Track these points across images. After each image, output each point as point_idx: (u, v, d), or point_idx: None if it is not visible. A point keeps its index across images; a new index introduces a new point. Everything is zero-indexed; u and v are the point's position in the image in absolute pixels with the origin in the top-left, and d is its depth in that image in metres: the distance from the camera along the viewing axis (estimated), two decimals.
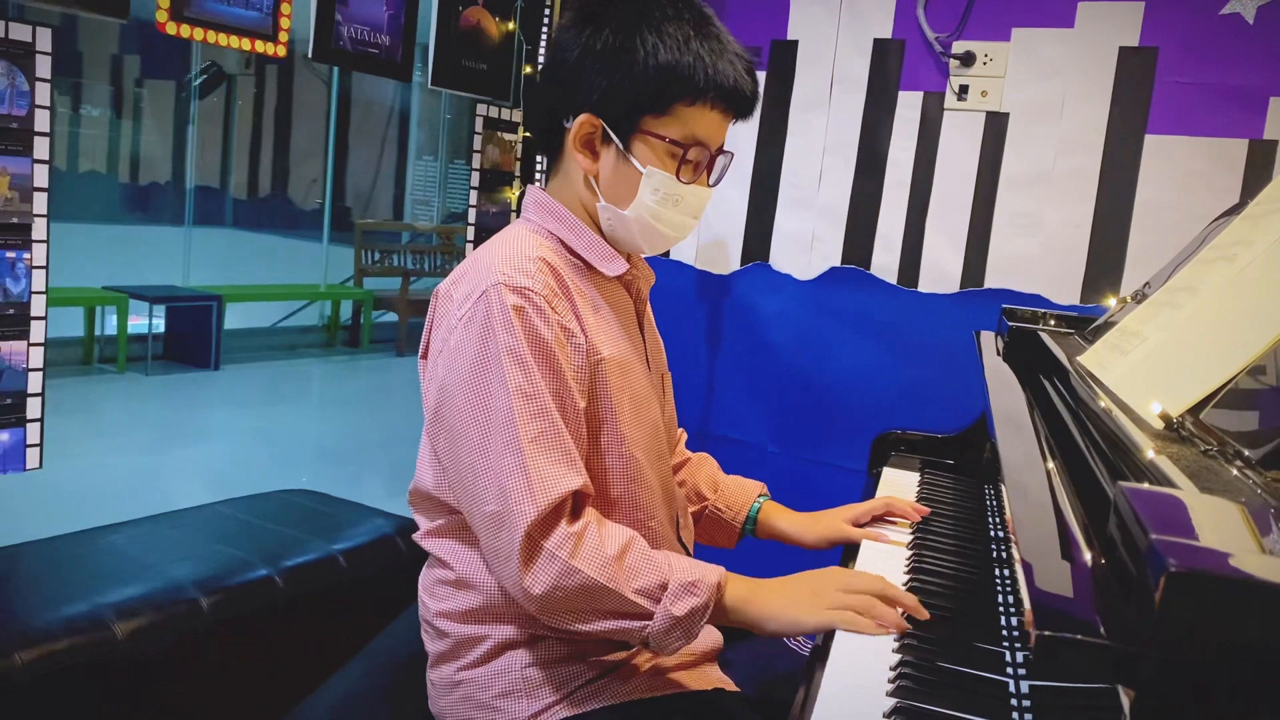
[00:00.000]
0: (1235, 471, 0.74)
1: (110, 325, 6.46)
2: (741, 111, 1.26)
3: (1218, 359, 0.91)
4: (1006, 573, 1.19)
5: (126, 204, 14.11)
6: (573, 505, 1.15)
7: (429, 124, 12.40)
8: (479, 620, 1.23)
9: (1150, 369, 1.04)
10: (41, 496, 3.37)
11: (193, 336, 6.70)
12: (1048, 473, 0.94)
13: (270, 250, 12.62)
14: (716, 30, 1.23)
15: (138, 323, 6.45)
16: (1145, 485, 0.73)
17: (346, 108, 13.00)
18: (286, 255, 11.43)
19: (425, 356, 1.27)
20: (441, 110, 11.81)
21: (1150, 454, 0.79)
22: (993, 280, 2.44)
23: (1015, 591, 1.12)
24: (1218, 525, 0.58)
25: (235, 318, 7.14)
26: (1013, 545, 0.91)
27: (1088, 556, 0.68)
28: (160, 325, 6.71)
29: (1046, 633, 0.58)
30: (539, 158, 2.77)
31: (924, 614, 1.10)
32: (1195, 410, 0.90)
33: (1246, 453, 0.75)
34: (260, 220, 14.99)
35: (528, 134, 2.86)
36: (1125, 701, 0.48)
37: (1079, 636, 0.55)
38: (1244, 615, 0.47)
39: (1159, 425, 0.89)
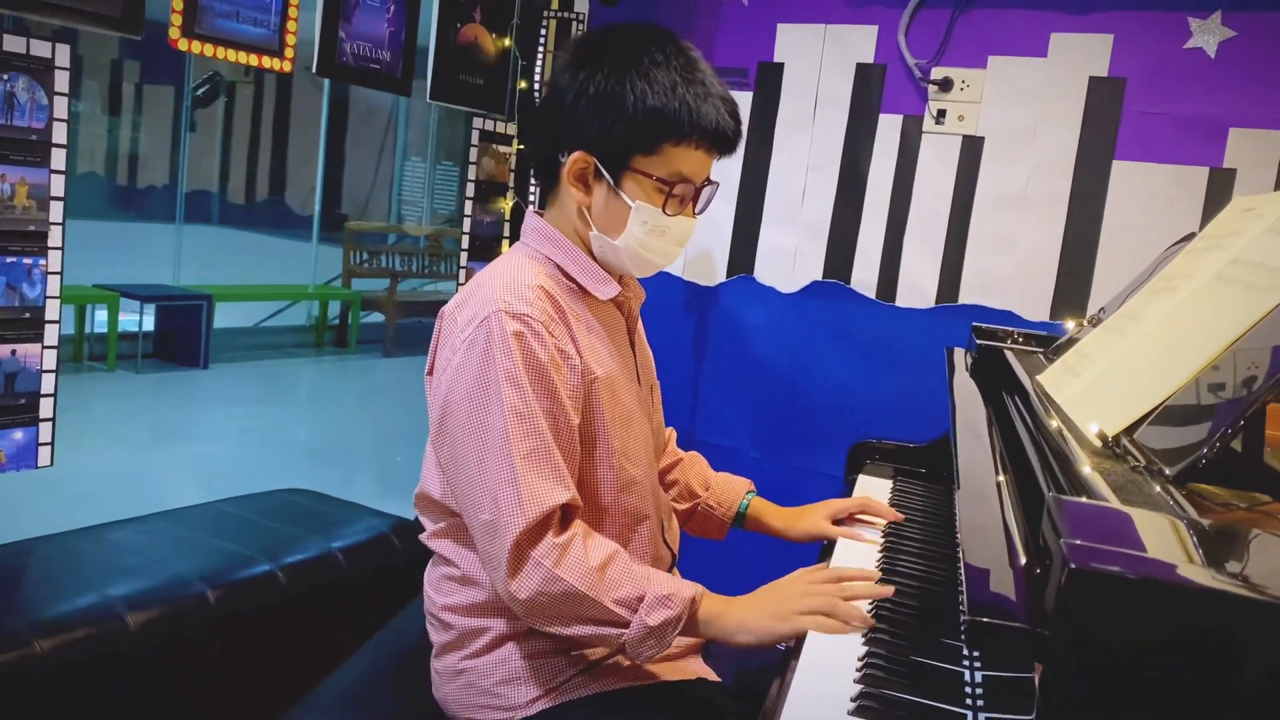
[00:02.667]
0: (1157, 486, 0.85)
1: (100, 323, 6.50)
2: (724, 150, 1.36)
3: (1152, 384, 1.01)
4: None
5: (122, 206, 14.19)
6: (561, 518, 1.25)
7: (418, 127, 12.49)
8: (481, 614, 1.33)
9: (1096, 391, 1.14)
10: (37, 493, 3.43)
11: (182, 335, 6.75)
12: (998, 484, 1.05)
13: (260, 249, 12.68)
14: (702, 75, 1.32)
15: (127, 319, 6.49)
16: (1081, 498, 0.84)
17: (338, 112, 13.11)
18: (276, 254, 11.49)
19: (431, 373, 1.37)
20: (430, 115, 11.90)
21: (1086, 469, 0.89)
22: (967, 296, 2.55)
23: None
24: (1129, 532, 0.68)
25: (220, 316, 7.20)
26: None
27: (1022, 559, 0.78)
28: (150, 324, 6.76)
29: (983, 619, 0.68)
30: (534, 184, 2.87)
31: (885, 591, 1.20)
32: (1131, 429, 1.00)
33: (1167, 470, 0.86)
34: (253, 220, 15.14)
35: (521, 147, 2.95)
36: (1036, 674, 0.59)
37: (1004, 623, 0.66)
38: (1127, 605, 0.58)
39: (1098, 443, 0.99)
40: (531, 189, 2.91)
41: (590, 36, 1.40)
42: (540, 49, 2.90)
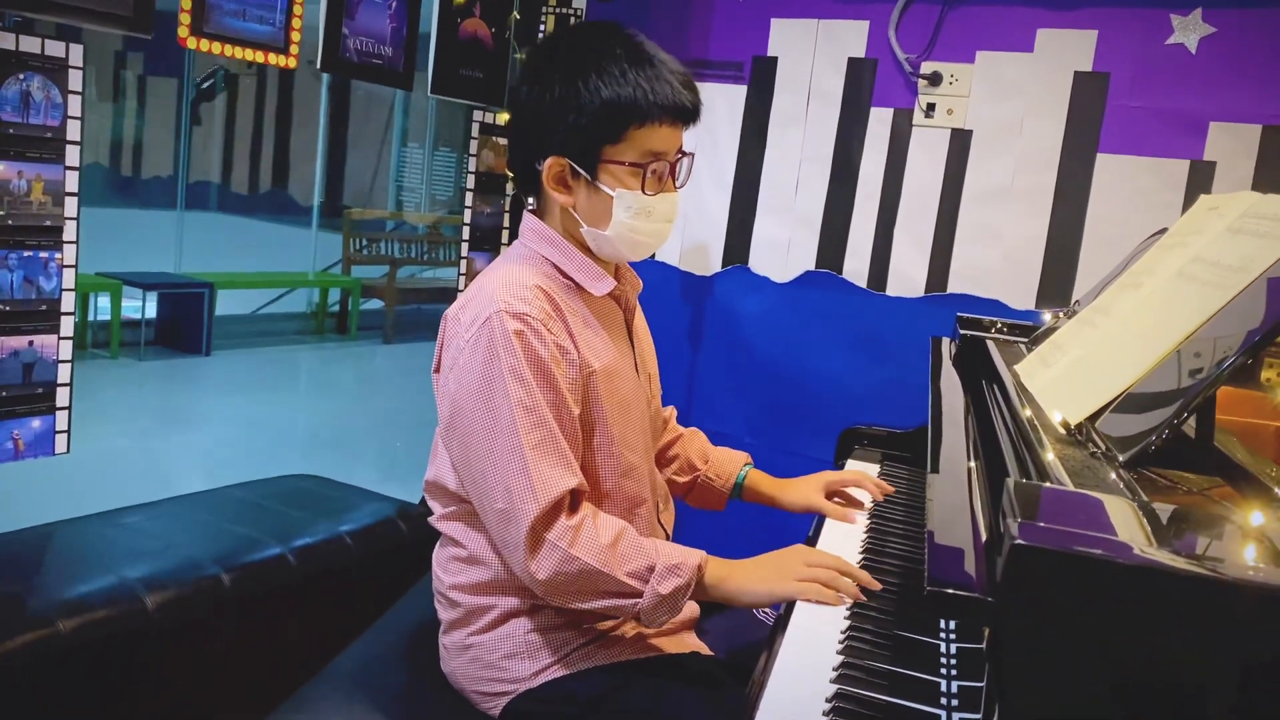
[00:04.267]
0: (1112, 472, 0.92)
1: (103, 310, 6.55)
2: (687, 120, 1.41)
3: (1115, 375, 1.09)
4: None
5: (124, 194, 14.27)
6: (570, 501, 1.32)
7: (416, 115, 12.53)
8: (487, 592, 1.40)
9: (1065, 381, 1.22)
10: (48, 478, 3.48)
11: (185, 322, 6.80)
12: (969, 470, 1.12)
13: (261, 236, 12.74)
14: (650, 56, 1.37)
15: (130, 306, 6.54)
16: (1044, 483, 0.91)
17: (338, 101, 13.18)
18: (277, 242, 11.54)
19: (438, 371, 1.44)
20: (429, 102, 11.94)
21: (1049, 455, 0.97)
22: (955, 286, 2.62)
23: None
24: (1078, 513, 0.75)
25: (222, 303, 7.24)
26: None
27: (984, 537, 0.85)
28: (152, 311, 6.81)
29: (949, 590, 0.75)
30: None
31: (875, 585, 1.28)
32: (1094, 418, 1.07)
33: (1120, 456, 0.93)
34: (254, 207, 15.27)
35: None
36: (985, 634, 0.66)
37: (959, 593, 0.73)
38: (1064, 577, 0.65)
39: (1062, 431, 1.07)
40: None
41: (541, 46, 1.47)
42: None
